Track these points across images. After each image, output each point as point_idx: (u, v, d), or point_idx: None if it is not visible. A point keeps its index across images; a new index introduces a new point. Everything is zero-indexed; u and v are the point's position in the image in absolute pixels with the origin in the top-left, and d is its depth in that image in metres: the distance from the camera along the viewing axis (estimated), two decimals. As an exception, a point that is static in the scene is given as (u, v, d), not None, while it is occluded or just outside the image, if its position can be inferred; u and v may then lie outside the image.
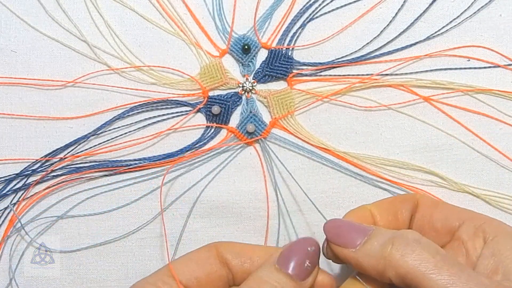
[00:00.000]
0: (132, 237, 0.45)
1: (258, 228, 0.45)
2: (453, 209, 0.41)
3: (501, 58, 0.46)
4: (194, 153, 0.46)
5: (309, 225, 0.45)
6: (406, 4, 0.46)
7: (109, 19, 0.46)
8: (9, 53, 0.46)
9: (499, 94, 0.46)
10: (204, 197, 0.46)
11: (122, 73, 0.46)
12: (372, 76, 0.46)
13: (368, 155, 0.46)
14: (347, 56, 0.46)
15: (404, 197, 0.42)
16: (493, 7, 0.46)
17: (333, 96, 0.46)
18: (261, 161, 0.46)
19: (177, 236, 0.45)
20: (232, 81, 0.46)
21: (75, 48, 0.46)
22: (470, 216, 0.40)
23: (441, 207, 0.41)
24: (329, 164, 0.46)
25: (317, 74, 0.46)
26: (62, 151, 0.46)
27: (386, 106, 0.46)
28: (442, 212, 0.40)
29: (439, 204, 0.41)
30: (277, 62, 0.46)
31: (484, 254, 0.37)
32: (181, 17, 0.46)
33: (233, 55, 0.46)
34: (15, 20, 0.46)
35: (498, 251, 0.36)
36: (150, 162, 0.45)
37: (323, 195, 0.46)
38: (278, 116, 0.46)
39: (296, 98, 0.46)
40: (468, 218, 0.39)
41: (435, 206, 0.41)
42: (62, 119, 0.46)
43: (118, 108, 0.46)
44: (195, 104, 0.46)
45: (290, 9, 0.46)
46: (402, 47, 0.46)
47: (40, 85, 0.46)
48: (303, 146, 0.46)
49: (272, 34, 0.46)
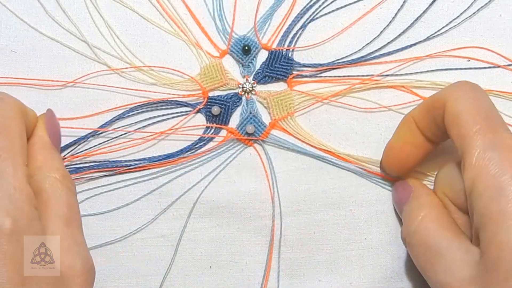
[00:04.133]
0: (133, 237, 0.45)
1: (258, 228, 0.46)
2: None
3: (501, 59, 0.46)
4: (194, 154, 0.46)
5: (309, 225, 0.46)
6: (406, 5, 0.46)
7: (109, 19, 0.46)
8: (9, 53, 0.46)
9: (499, 95, 0.46)
10: (204, 198, 0.46)
11: (122, 73, 0.46)
12: (372, 77, 0.46)
13: (368, 156, 0.46)
14: (347, 57, 0.46)
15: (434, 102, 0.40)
16: (493, 7, 0.46)
17: (333, 97, 0.46)
18: (262, 161, 0.46)
19: (177, 237, 0.45)
20: (232, 82, 0.46)
21: (75, 48, 0.46)
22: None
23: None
24: (329, 164, 0.46)
25: (317, 75, 0.46)
26: (62, 151, 0.46)
27: (386, 107, 0.46)
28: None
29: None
30: (277, 63, 0.46)
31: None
32: (181, 18, 0.46)
33: (233, 55, 0.46)
34: (15, 20, 0.46)
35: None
36: (150, 162, 0.45)
37: (323, 196, 0.46)
38: (278, 117, 0.46)
39: (296, 99, 0.46)
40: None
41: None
42: (62, 119, 0.46)
43: (118, 108, 0.46)
44: (195, 104, 0.46)
45: (290, 10, 0.46)
46: (402, 48, 0.46)
47: (40, 85, 0.46)
48: (303, 147, 0.46)
49: (272, 35, 0.46)
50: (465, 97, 0.38)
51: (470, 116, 0.37)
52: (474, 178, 0.35)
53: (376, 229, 0.45)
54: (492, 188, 0.34)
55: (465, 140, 0.36)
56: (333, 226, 0.45)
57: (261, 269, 0.45)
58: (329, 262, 0.45)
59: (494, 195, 0.34)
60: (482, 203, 0.35)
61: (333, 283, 0.45)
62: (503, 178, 0.34)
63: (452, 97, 0.38)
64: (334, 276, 0.45)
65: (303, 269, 0.45)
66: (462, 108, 0.37)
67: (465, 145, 0.36)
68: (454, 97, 0.38)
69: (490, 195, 0.34)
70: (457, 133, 0.37)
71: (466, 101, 0.37)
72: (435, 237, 0.38)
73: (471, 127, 0.36)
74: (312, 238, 0.45)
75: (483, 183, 0.35)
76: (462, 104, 0.37)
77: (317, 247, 0.45)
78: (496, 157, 0.35)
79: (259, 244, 0.45)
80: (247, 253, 0.45)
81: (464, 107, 0.37)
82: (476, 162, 0.35)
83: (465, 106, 0.37)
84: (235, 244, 0.46)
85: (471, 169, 0.35)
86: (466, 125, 0.36)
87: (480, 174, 0.35)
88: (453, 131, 0.37)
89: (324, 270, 0.45)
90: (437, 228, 0.38)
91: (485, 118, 0.36)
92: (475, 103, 0.37)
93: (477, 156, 0.35)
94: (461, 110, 0.37)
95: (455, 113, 0.37)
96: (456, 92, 0.38)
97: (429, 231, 0.39)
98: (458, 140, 0.37)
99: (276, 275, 0.45)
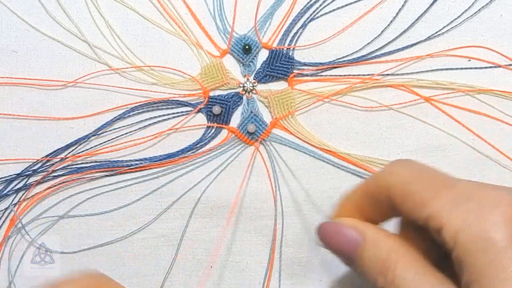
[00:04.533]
0: (134, 237, 0.45)
1: (259, 228, 0.46)
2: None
3: (502, 58, 0.46)
4: (195, 154, 0.46)
5: (310, 225, 0.45)
6: (407, 4, 0.46)
7: (110, 19, 0.46)
8: (10, 53, 0.46)
9: (500, 94, 0.46)
10: (205, 197, 0.46)
11: (123, 73, 0.46)
12: (373, 76, 0.46)
13: (369, 155, 0.46)
14: (348, 56, 0.46)
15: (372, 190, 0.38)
16: (494, 7, 0.46)
17: (334, 96, 0.46)
18: (264, 161, 0.46)
19: (178, 236, 0.45)
20: (233, 81, 0.46)
21: (76, 48, 0.46)
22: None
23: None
24: (330, 164, 0.46)
25: (317, 74, 0.46)
26: (63, 151, 0.46)
27: (387, 106, 0.46)
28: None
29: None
30: (278, 62, 0.46)
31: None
32: (181, 17, 0.46)
33: (234, 55, 0.46)
34: (16, 20, 0.46)
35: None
36: (151, 162, 0.45)
37: (323, 195, 0.46)
38: (279, 116, 0.46)
39: (297, 98, 0.46)
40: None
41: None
42: (63, 119, 0.46)
43: (119, 108, 0.46)
44: (195, 104, 0.46)
45: (291, 9, 0.46)
46: (403, 47, 0.46)
47: (41, 85, 0.46)
48: (304, 146, 0.46)
49: (273, 34, 0.46)
50: (404, 172, 0.36)
51: (420, 184, 0.35)
52: (455, 233, 0.33)
53: (377, 229, 0.45)
54: (477, 240, 0.33)
55: (428, 206, 0.34)
56: (334, 226, 0.45)
57: (262, 269, 0.45)
58: (330, 262, 0.45)
59: (481, 247, 0.32)
60: (469, 258, 0.33)
61: (334, 283, 0.45)
62: (485, 227, 0.32)
63: (393, 178, 0.36)
64: (335, 276, 0.45)
65: (303, 269, 0.45)
66: (409, 181, 0.35)
67: (430, 211, 0.34)
68: (395, 177, 0.36)
69: (477, 248, 0.33)
70: (414, 205, 0.35)
71: (408, 174, 0.36)
72: (417, 286, 0.35)
73: (428, 193, 0.34)
74: (312, 238, 0.45)
75: (466, 237, 0.33)
76: (407, 178, 0.36)
77: (318, 247, 0.45)
78: (471, 207, 0.33)
79: (260, 244, 0.45)
80: (248, 253, 0.45)
81: (411, 179, 0.35)
82: (452, 219, 0.33)
83: (411, 178, 0.35)
84: (236, 244, 0.45)
85: (449, 227, 0.33)
86: (421, 193, 0.35)
87: (460, 229, 0.33)
88: (407, 205, 0.35)
89: (325, 270, 0.45)
90: (418, 275, 0.35)
91: (436, 180, 0.35)
92: (418, 172, 0.36)
93: (450, 213, 0.33)
94: (409, 183, 0.35)
95: (404, 189, 0.35)
96: (394, 173, 0.36)
97: (409, 279, 0.35)
98: (417, 211, 0.35)
99: (277, 275, 0.45)
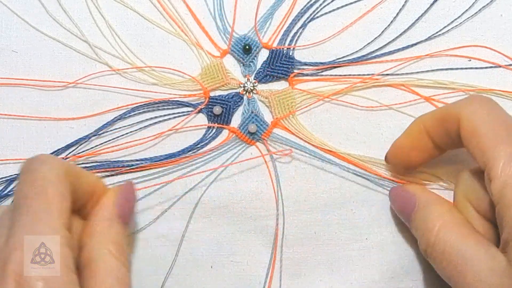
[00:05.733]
0: (134, 237, 0.45)
1: (259, 228, 0.45)
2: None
3: (502, 58, 0.46)
4: (195, 154, 0.46)
5: (310, 225, 0.45)
6: (407, 4, 0.46)
7: (110, 19, 0.46)
8: (10, 53, 0.46)
9: (500, 94, 0.46)
10: (206, 198, 0.46)
11: (123, 73, 0.46)
12: (373, 76, 0.46)
13: (369, 155, 0.46)
14: (348, 56, 0.46)
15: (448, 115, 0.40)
16: (494, 7, 0.47)
17: (334, 96, 0.46)
18: (265, 161, 0.46)
19: (178, 237, 0.45)
20: (233, 81, 0.46)
21: (76, 48, 0.46)
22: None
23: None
24: (330, 163, 0.46)
25: (318, 74, 0.46)
26: (64, 152, 0.46)
27: (387, 106, 0.46)
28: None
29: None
30: (278, 62, 0.46)
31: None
32: (182, 17, 0.46)
33: (234, 55, 0.46)
34: (16, 20, 0.46)
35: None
36: (151, 162, 0.45)
37: (324, 195, 0.46)
38: (280, 116, 0.46)
39: (298, 98, 0.46)
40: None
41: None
42: (63, 119, 0.46)
43: (120, 108, 0.46)
44: (196, 104, 0.46)
45: (291, 9, 0.46)
46: (403, 47, 0.46)
47: (41, 86, 0.46)
48: (305, 146, 0.46)
49: (273, 34, 0.46)
50: (480, 110, 0.38)
51: (489, 128, 0.37)
52: (502, 188, 0.35)
53: (377, 229, 0.45)
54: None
55: (487, 152, 0.36)
56: (334, 226, 0.45)
57: (262, 269, 0.45)
58: (330, 262, 0.45)
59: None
60: (510, 215, 0.35)
61: (334, 283, 0.45)
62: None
63: (468, 110, 0.38)
64: (335, 276, 0.45)
65: (304, 269, 0.45)
66: (480, 121, 0.37)
67: (487, 157, 0.36)
68: (469, 111, 0.38)
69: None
70: (477, 146, 0.37)
71: (482, 114, 0.38)
72: (458, 246, 0.38)
73: (492, 139, 0.36)
74: (313, 238, 0.45)
75: (511, 193, 0.35)
76: (478, 117, 0.37)
77: (318, 247, 0.45)
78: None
79: (260, 244, 0.45)
80: (248, 253, 0.45)
81: (482, 120, 0.37)
82: (502, 173, 0.35)
83: (482, 119, 0.37)
84: (237, 244, 0.45)
85: (497, 180, 0.35)
86: (486, 137, 0.37)
87: (508, 184, 0.35)
88: (471, 144, 0.37)
89: (325, 270, 0.45)
90: (458, 237, 0.38)
91: (505, 129, 0.37)
92: (492, 116, 0.38)
93: (503, 167, 0.35)
94: (478, 123, 0.37)
95: (473, 127, 0.37)
96: (471, 106, 0.38)
97: (451, 242, 0.38)
98: (478, 153, 0.37)
99: (277, 274, 0.45)
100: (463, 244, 0.38)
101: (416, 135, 0.42)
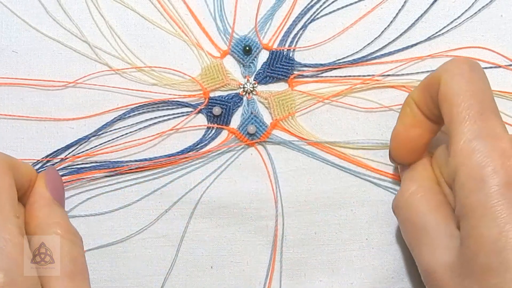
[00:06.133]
0: (134, 238, 0.45)
1: (259, 228, 0.46)
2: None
3: (502, 59, 0.46)
4: (195, 154, 0.46)
5: (310, 225, 0.46)
6: (407, 5, 0.46)
7: (110, 19, 0.46)
8: (10, 53, 0.46)
9: (500, 95, 0.46)
10: (205, 198, 0.46)
11: (123, 73, 0.46)
12: (374, 77, 0.46)
13: (369, 156, 0.46)
14: (348, 57, 0.46)
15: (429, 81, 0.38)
16: (494, 7, 0.46)
17: (334, 97, 0.46)
18: (264, 162, 0.46)
19: (178, 237, 0.45)
20: (233, 82, 0.46)
21: (76, 48, 0.46)
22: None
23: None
24: (330, 164, 0.46)
25: (318, 75, 0.46)
26: (63, 152, 0.46)
27: (387, 107, 0.46)
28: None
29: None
30: (278, 63, 0.46)
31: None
32: (182, 18, 0.46)
33: (234, 56, 0.46)
34: (16, 20, 0.46)
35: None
36: (151, 163, 0.45)
37: (324, 196, 0.46)
38: (279, 117, 0.46)
39: (297, 99, 0.46)
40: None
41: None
42: (63, 119, 0.46)
43: (119, 109, 0.46)
44: (196, 105, 0.46)
45: (291, 10, 0.46)
46: (403, 48, 0.46)
47: (41, 86, 0.46)
48: (304, 147, 0.46)
49: (273, 35, 0.46)
50: (460, 77, 0.36)
51: (463, 99, 0.35)
52: (457, 166, 0.34)
53: (377, 229, 0.45)
54: (473, 179, 0.33)
55: (454, 124, 0.35)
56: (334, 226, 0.45)
57: (262, 269, 0.45)
58: (330, 263, 0.45)
59: (475, 187, 0.33)
60: (463, 194, 0.34)
61: (334, 284, 0.45)
62: (485, 170, 0.33)
63: (448, 75, 0.36)
64: (335, 277, 0.45)
65: (304, 270, 0.45)
66: (456, 89, 0.36)
67: (453, 129, 0.35)
68: (449, 75, 0.36)
69: (471, 186, 0.33)
70: (447, 114, 0.36)
71: (461, 81, 0.36)
72: (423, 216, 0.37)
73: (462, 113, 0.35)
74: (313, 238, 0.45)
75: (465, 173, 0.34)
76: (456, 84, 0.36)
77: (318, 248, 0.45)
78: (482, 147, 0.34)
79: (260, 245, 0.45)
80: (248, 253, 0.45)
81: (458, 88, 0.36)
82: (461, 150, 0.34)
83: (459, 87, 0.36)
84: (236, 244, 0.45)
85: (455, 156, 0.34)
86: (457, 108, 0.35)
87: (463, 163, 0.34)
88: (444, 111, 0.36)
89: (325, 271, 0.45)
90: (426, 207, 0.38)
91: (479, 103, 0.35)
92: (470, 85, 0.36)
93: (463, 144, 0.34)
94: (454, 91, 0.36)
95: (448, 93, 0.36)
96: (453, 70, 0.36)
97: (418, 209, 0.38)
98: (447, 121, 0.36)
99: (277, 275, 0.45)
100: (427, 214, 0.37)
101: (407, 112, 0.40)
